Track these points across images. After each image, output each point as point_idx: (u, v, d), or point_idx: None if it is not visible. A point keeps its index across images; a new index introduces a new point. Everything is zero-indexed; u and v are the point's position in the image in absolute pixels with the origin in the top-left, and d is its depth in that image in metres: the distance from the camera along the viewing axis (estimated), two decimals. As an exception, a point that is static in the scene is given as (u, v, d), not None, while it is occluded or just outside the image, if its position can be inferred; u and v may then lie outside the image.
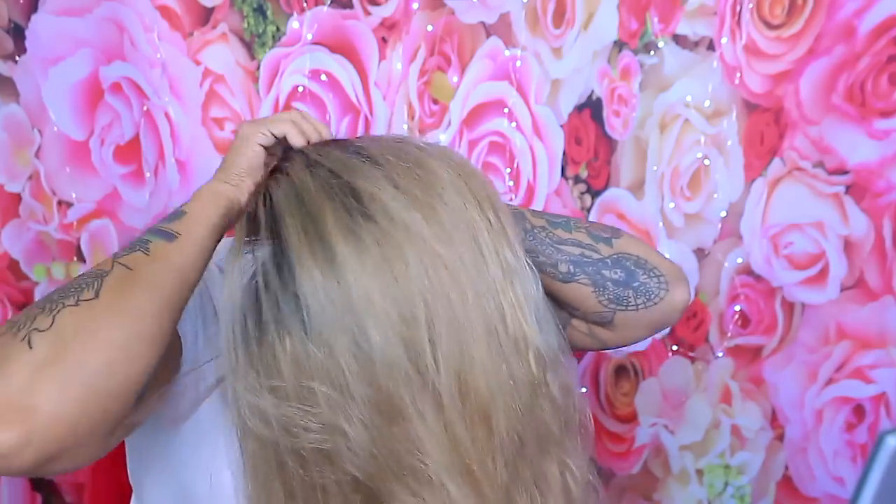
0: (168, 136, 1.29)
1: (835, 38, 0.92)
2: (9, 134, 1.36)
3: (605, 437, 1.19)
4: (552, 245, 0.77)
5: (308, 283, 0.61)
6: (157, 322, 0.61)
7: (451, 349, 0.60)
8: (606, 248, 0.78)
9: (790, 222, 0.99)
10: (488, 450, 0.61)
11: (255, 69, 1.23)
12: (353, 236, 0.62)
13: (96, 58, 1.29)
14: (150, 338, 0.61)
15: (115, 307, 0.60)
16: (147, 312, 0.61)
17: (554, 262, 0.77)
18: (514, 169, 1.14)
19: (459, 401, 0.60)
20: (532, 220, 0.78)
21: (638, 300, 0.77)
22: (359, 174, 0.65)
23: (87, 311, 0.60)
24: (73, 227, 1.38)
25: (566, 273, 0.77)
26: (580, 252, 0.77)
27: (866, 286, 0.95)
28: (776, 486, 1.06)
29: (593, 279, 0.77)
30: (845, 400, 0.98)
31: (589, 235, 0.79)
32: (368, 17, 1.16)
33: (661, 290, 0.78)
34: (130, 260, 0.64)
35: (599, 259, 0.77)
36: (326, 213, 0.63)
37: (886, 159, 0.91)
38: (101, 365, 0.58)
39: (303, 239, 0.63)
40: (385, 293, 0.61)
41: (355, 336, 0.61)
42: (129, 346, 0.59)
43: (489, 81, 1.13)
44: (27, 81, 1.33)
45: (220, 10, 1.22)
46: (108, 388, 0.58)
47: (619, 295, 0.77)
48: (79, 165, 1.35)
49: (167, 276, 0.63)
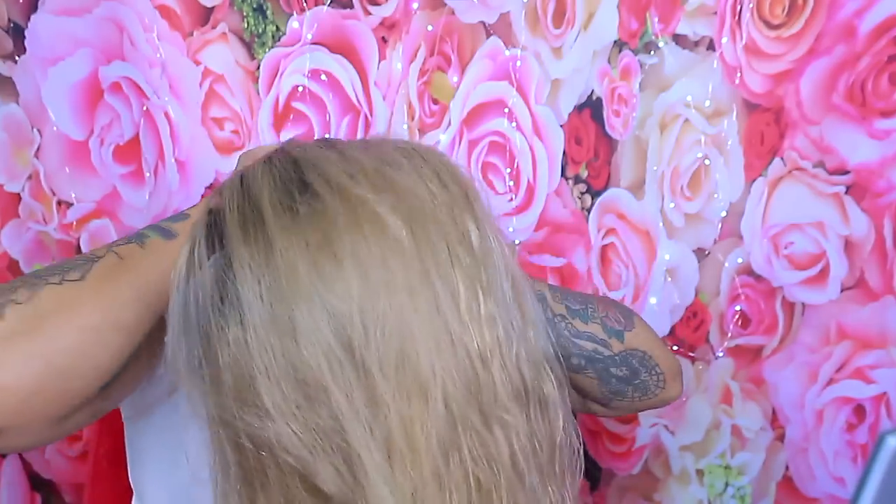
0: (168, 136, 1.29)
1: (835, 37, 0.92)
2: (8, 134, 1.37)
3: (605, 438, 1.19)
4: (569, 338, 0.79)
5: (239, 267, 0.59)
6: (137, 313, 0.61)
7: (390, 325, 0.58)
8: (618, 343, 0.80)
9: (791, 222, 0.98)
10: (421, 430, 0.58)
11: (254, 69, 1.23)
12: (288, 212, 0.59)
13: (96, 58, 1.29)
14: (126, 328, 0.60)
15: (98, 292, 0.60)
16: (128, 302, 0.60)
17: (567, 354, 0.79)
18: (514, 169, 1.14)
19: (394, 383, 0.58)
20: (553, 306, 0.79)
21: (635, 394, 0.82)
22: (312, 157, 0.63)
23: (68, 291, 0.59)
24: (72, 227, 1.38)
25: (577, 366, 0.79)
26: (593, 348, 0.79)
27: (867, 286, 0.95)
28: (777, 487, 1.05)
29: (600, 374, 0.80)
30: (846, 400, 0.98)
31: (603, 328, 0.80)
32: (368, 17, 1.16)
33: (658, 388, 0.82)
34: (124, 250, 0.63)
35: (609, 356, 0.80)
36: (264, 192, 0.60)
37: (887, 159, 0.91)
38: (70, 345, 0.57)
39: (236, 217, 0.60)
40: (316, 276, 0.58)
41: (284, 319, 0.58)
42: (102, 332, 0.59)
43: (489, 81, 1.13)
44: (27, 81, 1.33)
45: (219, 10, 1.22)
46: (72, 369, 0.58)
47: (619, 389, 0.81)
48: (78, 165, 1.35)
49: (156, 271, 0.63)
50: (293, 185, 0.61)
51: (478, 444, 0.61)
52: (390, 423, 0.58)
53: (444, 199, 0.63)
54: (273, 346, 0.58)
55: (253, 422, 0.58)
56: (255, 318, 0.58)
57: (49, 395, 0.57)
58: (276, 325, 0.58)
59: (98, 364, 0.59)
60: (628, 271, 1.10)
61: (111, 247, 0.64)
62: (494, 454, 0.62)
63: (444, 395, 0.59)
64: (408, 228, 0.60)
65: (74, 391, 0.59)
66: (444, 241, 0.61)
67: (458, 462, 0.61)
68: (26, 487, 1.49)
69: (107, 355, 0.59)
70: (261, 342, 0.58)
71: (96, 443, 1.06)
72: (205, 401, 0.61)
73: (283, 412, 0.58)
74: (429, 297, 0.59)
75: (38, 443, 0.61)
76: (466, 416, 0.61)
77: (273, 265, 0.58)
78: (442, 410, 0.59)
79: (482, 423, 0.62)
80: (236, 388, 0.59)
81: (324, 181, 0.61)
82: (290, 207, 0.60)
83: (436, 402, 0.59)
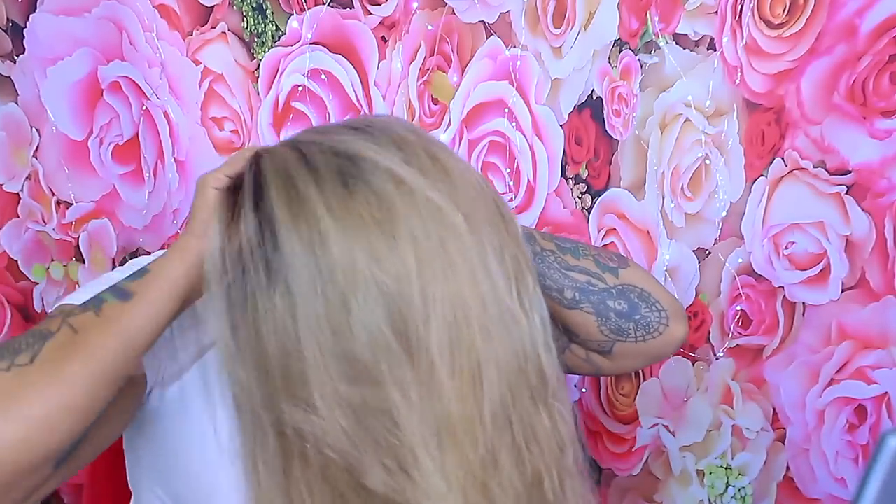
0: (167, 136, 1.29)
1: (836, 37, 0.91)
2: (7, 133, 1.36)
3: (605, 438, 1.19)
4: (560, 270, 0.77)
5: (290, 252, 0.59)
6: (90, 394, 0.59)
7: (445, 319, 0.58)
8: (612, 277, 0.79)
9: (791, 222, 0.98)
10: (476, 409, 0.59)
11: (254, 69, 1.23)
12: (341, 202, 0.59)
13: (95, 57, 1.29)
14: (79, 409, 0.58)
15: (46, 376, 0.57)
16: (79, 383, 0.58)
17: (560, 287, 0.77)
18: (514, 169, 1.14)
19: (450, 363, 0.58)
20: (541, 242, 0.78)
21: (638, 332, 0.79)
22: (350, 141, 0.63)
23: (15, 379, 0.57)
24: (71, 226, 1.38)
25: (571, 300, 0.77)
26: (587, 280, 0.78)
27: (868, 286, 0.94)
28: (777, 487, 1.05)
29: (597, 308, 0.78)
30: (847, 400, 0.98)
31: (596, 264, 0.79)
32: (368, 17, 1.15)
33: (661, 325, 0.79)
34: (79, 321, 0.61)
35: (605, 289, 0.78)
36: (311, 179, 0.60)
37: (888, 159, 0.91)
38: (15, 439, 0.55)
39: (284, 208, 0.60)
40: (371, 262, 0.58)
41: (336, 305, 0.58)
42: (51, 419, 0.57)
43: (489, 81, 1.13)
44: (26, 81, 1.33)
45: (219, 10, 1.22)
46: (21, 461, 0.56)
47: (620, 326, 0.78)
48: (77, 165, 1.35)
49: (111, 341, 0.60)
50: (338, 169, 0.61)
51: (529, 426, 0.62)
52: (447, 407, 0.58)
53: (487, 188, 0.65)
54: (323, 327, 0.58)
55: (297, 414, 0.58)
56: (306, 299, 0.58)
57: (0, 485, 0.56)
58: (329, 307, 0.58)
59: (47, 451, 0.57)
60: (629, 271, 1.10)
61: (66, 317, 0.62)
62: (543, 437, 0.63)
63: (498, 377, 0.60)
64: (463, 215, 0.60)
65: (25, 478, 0.57)
66: (496, 229, 0.62)
67: (510, 444, 0.61)
68: (25, 488, 1.49)
69: (57, 440, 0.58)
70: (310, 322, 0.58)
71: (95, 443, 1.05)
72: (248, 385, 0.60)
73: (331, 406, 0.58)
74: (486, 283, 0.60)
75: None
76: (518, 398, 0.61)
77: (325, 246, 0.58)
78: (496, 392, 0.60)
79: (532, 405, 0.62)
80: (283, 375, 0.59)
81: (372, 165, 0.61)
82: (343, 185, 0.60)
83: (491, 385, 0.59)
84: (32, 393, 0.56)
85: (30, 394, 0.56)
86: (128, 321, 0.62)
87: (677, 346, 0.82)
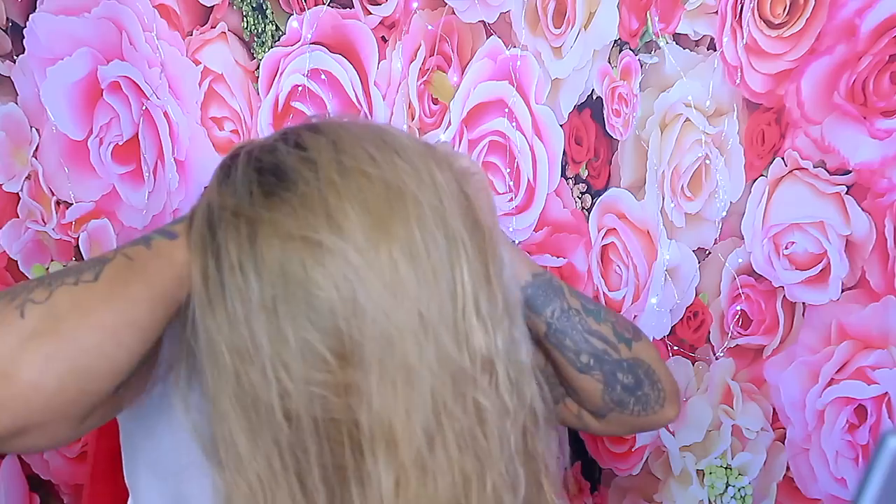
0: (167, 136, 1.29)
1: (836, 37, 0.91)
2: (7, 133, 1.36)
3: (605, 438, 1.18)
4: (582, 333, 0.79)
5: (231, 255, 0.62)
6: (150, 312, 0.62)
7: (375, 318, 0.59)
8: (626, 350, 0.80)
9: (791, 222, 0.98)
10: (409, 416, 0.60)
11: (254, 69, 1.22)
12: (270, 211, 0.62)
13: (95, 57, 1.29)
14: (141, 327, 0.61)
15: (113, 292, 0.61)
16: (143, 300, 0.61)
17: (578, 350, 0.78)
18: (514, 169, 1.14)
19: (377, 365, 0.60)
20: (569, 299, 0.80)
21: (636, 407, 0.81)
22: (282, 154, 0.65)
23: (84, 292, 0.60)
24: (71, 226, 1.38)
25: (585, 364, 0.79)
26: (603, 349, 0.79)
27: (868, 286, 0.94)
28: (778, 487, 1.05)
29: (607, 378, 0.79)
30: (847, 400, 0.98)
31: (614, 332, 0.81)
32: (368, 17, 1.15)
33: (657, 405, 0.82)
34: (132, 251, 0.64)
35: (618, 360, 0.80)
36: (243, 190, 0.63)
37: (888, 159, 0.91)
38: (90, 345, 0.58)
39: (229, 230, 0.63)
40: None
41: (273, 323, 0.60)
42: (119, 332, 0.60)
43: (489, 81, 1.13)
44: (25, 81, 1.33)
45: (219, 10, 1.22)
46: (91, 369, 0.59)
47: (622, 398, 0.80)
48: (77, 165, 1.35)
49: (165, 269, 0.64)
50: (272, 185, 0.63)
51: (459, 429, 0.62)
52: (375, 413, 0.59)
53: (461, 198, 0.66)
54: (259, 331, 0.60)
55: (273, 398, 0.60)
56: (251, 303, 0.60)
57: (70, 394, 0.58)
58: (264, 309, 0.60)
59: (115, 363, 0.60)
60: (629, 271, 1.10)
61: (119, 250, 0.65)
62: (476, 439, 0.63)
63: (430, 383, 0.60)
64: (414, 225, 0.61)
65: (93, 391, 0.60)
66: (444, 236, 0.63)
67: (442, 449, 0.62)
68: (24, 488, 1.49)
69: (124, 354, 0.60)
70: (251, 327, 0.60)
71: (95, 443, 1.05)
72: None
73: None
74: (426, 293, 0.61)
75: (57, 444, 0.62)
76: (449, 404, 0.62)
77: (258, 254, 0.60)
78: (427, 398, 0.60)
79: (462, 409, 0.63)
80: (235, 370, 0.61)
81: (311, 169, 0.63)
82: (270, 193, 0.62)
83: (421, 390, 0.60)
84: (102, 305, 0.60)
85: (99, 306, 0.59)
86: (177, 255, 0.65)
87: (664, 425, 0.85)
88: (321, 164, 0.62)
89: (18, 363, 0.56)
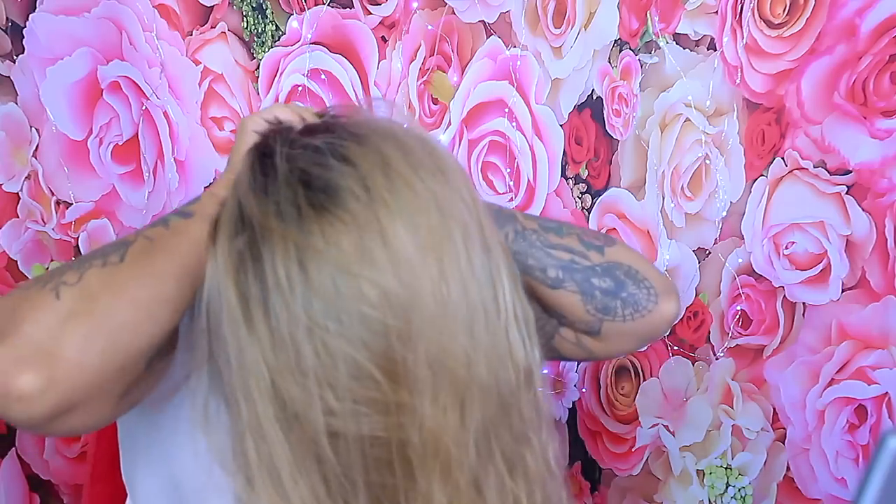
0: (167, 136, 1.29)
1: (836, 37, 0.91)
2: (7, 133, 1.36)
3: (605, 438, 1.18)
4: (542, 249, 0.76)
5: (272, 274, 0.60)
6: (178, 286, 0.63)
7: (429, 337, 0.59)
8: (597, 255, 0.77)
9: (792, 222, 0.98)
10: (462, 435, 0.60)
11: (254, 68, 1.22)
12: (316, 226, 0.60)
13: (95, 57, 1.29)
14: (171, 301, 0.62)
15: (140, 269, 0.62)
16: (169, 275, 0.63)
17: (543, 266, 0.76)
18: (514, 169, 1.14)
19: (431, 385, 0.59)
20: (523, 221, 0.77)
21: (626, 311, 0.76)
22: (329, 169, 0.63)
23: (113, 272, 0.62)
24: (71, 226, 1.38)
25: (555, 279, 0.76)
26: (570, 258, 0.76)
27: (868, 286, 0.94)
28: (778, 487, 1.05)
29: (581, 287, 0.76)
30: (847, 400, 0.98)
31: (580, 242, 0.77)
32: (368, 17, 1.15)
33: (650, 303, 0.77)
34: (152, 232, 0.66)
35: (589, 266, 0.76)
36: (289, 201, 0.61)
37: (888, 159, 0.91)
38: (126, 321, 0.60)
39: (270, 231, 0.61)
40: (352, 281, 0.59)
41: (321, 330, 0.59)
42: (151, 307, 0.61)
43: (489, 81, 1.12)
44: (25, 81, 1.33)
45: (219, 10, 1.22)
46: (130, 345, 0.60)
47: (606, 304, 0.76)
48: (77, 165, 1.35)
49: (185, 245, 0.65)
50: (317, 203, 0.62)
51: (511, 456, 0.63)
52: (428, 433, 0.59)
53: None
54: None
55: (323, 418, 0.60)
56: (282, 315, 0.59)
57: (111, 371, 0.59)
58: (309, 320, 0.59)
59: (150, 338, 0.61)
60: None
61: (139, 232, 0.66)
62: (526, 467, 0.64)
63: (481, 402, 0.60)
64: None
65: (131, 367, 0.61)
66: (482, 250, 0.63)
67: (494, 473, 0.62)
68: (24, 488, 1.49)
69: (157, 329, 0.62)
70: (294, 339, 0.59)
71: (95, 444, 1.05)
72: None
73: None
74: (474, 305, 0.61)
75: (98, 423, 0.63)
76: (501, 428, 0.62)
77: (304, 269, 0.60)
78: (478, 417, 0.60)
79: (509, 427, 0.63)
80: None
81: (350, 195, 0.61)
82: None
83: (473, 409, 0.60)
84: (132, 283, 0.61)
85: (129, 283, 0.61)
86: (195, 231, 0.66)
87: (669, 324, 0.79)
88: (372, 183, 0.61)
89: (61, 343, 0.57)
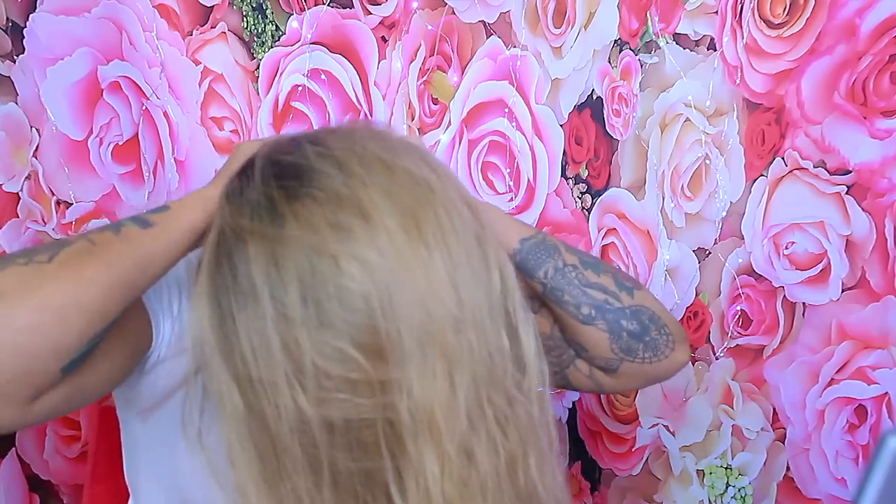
0: (167, 136, 1.29)
1: (836, 37, 0.91)
2: (7, 133, 1.36)
3: (605, 438, 1.18)
4: (579, 287, 0.79)
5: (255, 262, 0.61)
6: (105, 295, 0.61)
7: (414, 303, 0.60)
8: (628, 297, 0.80)
9: (792, 222, 0.98)
10: (452, 401, 0.61)
11: (254, 68, 1.22)
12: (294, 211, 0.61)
13: (95, 57, 1.29)
14: (90, 309, 0.61)
15: (64, 273, 0.61)
16: (95, 283, 0.61)
17: (578, 303, 0.79)
18: (514, 169, 1.14)
19: (418, 354, 0.60)
20: (565, 256, 0.80)
21: (646, 354, 0.81)
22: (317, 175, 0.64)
23: (34, 271, 0.60)
24: (71, 226, 1.38)
25: (587, 316, 0.79)
26: (604, 298, 0.79)
27: (868, 286, 0.94)
28: (778, 488, 1.05)
29: (611, 327, 0.79)
30: (847, 400, 0.98)
31: (615, 282, 0.81)
32: (368, 17, 1.15)
33: (668, 349, 0.81)
34: (98, 237, 0.64)
35: (620, 308, 0.80)
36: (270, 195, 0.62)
37: (888, 159, 0.91)
38: (30, 325, 0.58)
39: None
40: None
41: None
42: (64, 313, 0.59)
43: (489, 81, 1.12)
44: (25, 80, 1.33)
45: (219, 10, 1.22)
46: (29, 348, 0.58)
47: (630, 346, 0.80)
48: (77, 165, 1.35)
49: (127, 257, 0.63)
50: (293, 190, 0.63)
51: (503, 415, 0.63)
52: (416, 401, 0.60)
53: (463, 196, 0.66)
54: None
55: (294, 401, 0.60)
56: None
57: (9, 373, 0.58)
58: None
59: (57, 344, 0.59)
60: (629, 271, 1.10)
61: (85, 234, 0.65)
62: (518, 424, 0.65)
63: (471, 368, 0.61)
64: None
65: (35, 371, 0.59)
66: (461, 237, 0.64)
67: (485, 436, 0.62)
68: (24, 488, 1.49)
69: (68, 336, 0.60)
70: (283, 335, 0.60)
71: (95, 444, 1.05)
72: None
73: None
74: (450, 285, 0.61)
75: (9, 426, 0.61)
76: (494, 390, 0.63)
77: None
78: (469, 383, 0.61)
79: (507, 396, 0.64)
80: None
81: None
82: None
83: (462, 375, 0.61)
84: (48, 285, 0.59)
85: (45, 286, 0.59)
86: (144, 246, 0.65)
87: (679, 370, 0.84)
88: (346, 162, 0.62)
89: None
